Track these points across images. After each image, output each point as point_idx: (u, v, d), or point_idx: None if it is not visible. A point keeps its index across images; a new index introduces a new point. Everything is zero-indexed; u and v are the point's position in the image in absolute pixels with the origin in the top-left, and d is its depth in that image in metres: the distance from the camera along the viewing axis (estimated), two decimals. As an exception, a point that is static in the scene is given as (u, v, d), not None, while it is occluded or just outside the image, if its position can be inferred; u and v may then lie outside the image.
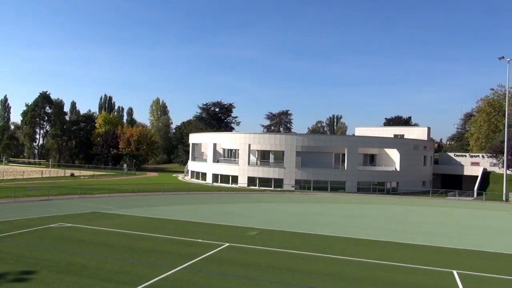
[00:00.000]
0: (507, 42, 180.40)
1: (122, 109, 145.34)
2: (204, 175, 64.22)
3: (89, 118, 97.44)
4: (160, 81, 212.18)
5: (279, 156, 59.22)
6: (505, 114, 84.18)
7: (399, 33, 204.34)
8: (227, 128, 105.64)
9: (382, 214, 36.23)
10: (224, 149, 66.98)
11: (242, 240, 22.82)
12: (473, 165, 71.87)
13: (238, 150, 60.27)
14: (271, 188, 56.75)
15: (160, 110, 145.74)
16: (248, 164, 58.41)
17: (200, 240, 22.20)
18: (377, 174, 58.16)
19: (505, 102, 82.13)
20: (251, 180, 58.29)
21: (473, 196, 56.97)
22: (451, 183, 70.62)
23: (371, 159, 63.62)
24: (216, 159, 63.39)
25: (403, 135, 74.07)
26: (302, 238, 23.95)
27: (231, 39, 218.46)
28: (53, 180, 53.40)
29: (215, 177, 62.08)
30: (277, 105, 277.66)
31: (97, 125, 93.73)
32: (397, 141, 61.02)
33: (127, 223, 26.48)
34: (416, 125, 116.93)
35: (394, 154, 61.47)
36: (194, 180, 65.98)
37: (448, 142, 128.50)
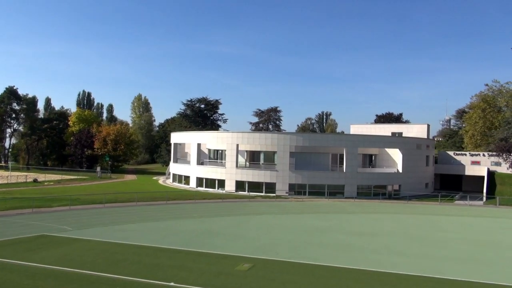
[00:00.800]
0: (490, 41, 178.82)
1: (102, 106, 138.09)
2: (187, 179, 57.91)
3: (62, 115, 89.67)
4: (144, 77, 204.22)
5: (271, 158, 53.37)
6: (500, 110, 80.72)
7: (383, 31, 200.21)
8: (213, 125, 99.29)
9: (396, 228, 30.65)
10: (209, 150, 60.71)
11: (231, 281, 16.84)
12: (474, 164, 67.15)
13: (225, 151, 54.11)
14: (262, 194, 50.78)
15: (142, 106, 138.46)
16: (236, 166, 52.33)
17: (172, 284, 16.17)
18: (377, 177, 52.71)
19: (500, 98, 78.65)
20: (240, 185, 52.26)
21: (481, 199, 51.99)
22: (451, 184, 66.01)
23: (369, 160, 58.17)
24: (200, 161, 57.10)
25: (401, 133, 68.90)
26: (309, 274, 18.08)
27: (218, 35, 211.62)
28: (9, 188, 46.32)
29: (199, 181, 55.83)
30: (265, 102, 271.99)
31: (70, 123, 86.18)
32: (399, 140, 55.62)
33: (79, 254, 20.19)
34: (407, 122, 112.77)
35: (395, 154, 56.17)
36: (176, 184, 59.59)
37: (436, 139, 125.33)
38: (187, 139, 60.10)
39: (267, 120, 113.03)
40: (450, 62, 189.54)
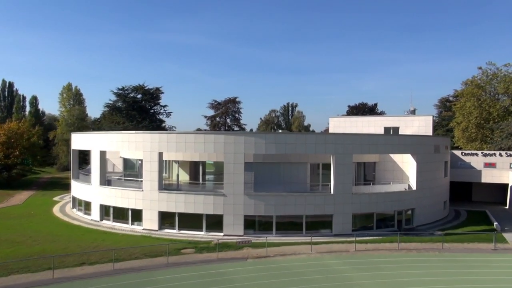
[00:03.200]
0: (448, 31, 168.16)
1: (24, 98, 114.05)
2: (88, 206, 37.04)
3: None
4: (86, 68, 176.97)
5: (221, 172, 33.56)
6: (496, 97, 67.01)
7: (343, 22, 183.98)
8: (153, 120, 77.99)
9: None
10: (125, 160, 39.94)
11: None
12: (488, 167, 50.86)
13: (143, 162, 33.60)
14: (202, 233, 31.12)
15: (73, 98, 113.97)
16: (160, 188, 32.15)
17: None
18: (383, 199, 33.96)
19: (497, 83, 65.59)
20: (166, 217, 32.27)
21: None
22: (458, 193, 49.40)
23: (364, 171, 39.22)
24: (105, 179, 36.17)
25: (397, 128, 51.06)
26: None
27: (174, 24, 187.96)
28: None
29: (104, 210, 35.23)
30: (225, 95, 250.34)
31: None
32: (413, 141, 36.61)
33: None
34: (383, 113, 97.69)
35: (403, 161, 37.94)
36: (76, 214, 38.65)
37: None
38: (88, 144, 38.57)
39: (225, 112, 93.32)
40: (411, 53, 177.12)
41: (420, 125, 50.83)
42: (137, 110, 77.54)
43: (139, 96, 79.12)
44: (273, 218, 31.31)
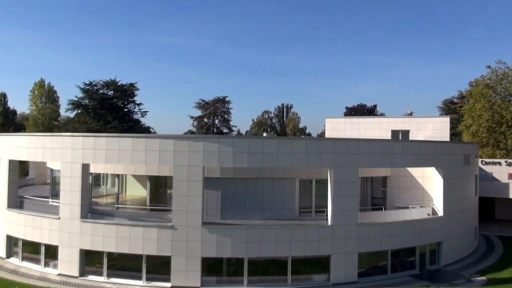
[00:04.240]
0: (440, 37, 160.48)
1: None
2: (-3, 235, 27.27)
3: None
4: (78, 69, 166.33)
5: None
6: (506, 99, 59.76)
7: (339, 25, 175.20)
8: (125, 120, 68.14)
9: None
10: (53, 172, 30.08)
11: None
12: (513, 178, 42.28)
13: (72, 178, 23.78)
14: (141, 283, 21.45)
15: (46, 96, 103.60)
16: (82, 216, 22.36)
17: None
18: (400, 231, 24.16)
19: (509, 84, 58.85)
20: (93, 257, 22.51)
21: None
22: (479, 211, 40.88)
23: (371, 190, 29.42)
24: (16, 200, 26.26)
25: (407, 132, 41.72)
26: None
27: (167, 25, 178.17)
28: None
29: (13, 243, 25.41)
30: (214, 95, 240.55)
31: None
32: (437, 150, 26.36)
33: None
34: (382, 115, 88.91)
35: (422, 176, 28.29)
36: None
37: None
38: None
39: (213, 113, 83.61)
40: (405, 57, 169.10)
41: (435, 128, 41.70)
42: (107, 108, 67.46)
43: (110, 93, 69.28)
44: (244, 261, 21.63)
